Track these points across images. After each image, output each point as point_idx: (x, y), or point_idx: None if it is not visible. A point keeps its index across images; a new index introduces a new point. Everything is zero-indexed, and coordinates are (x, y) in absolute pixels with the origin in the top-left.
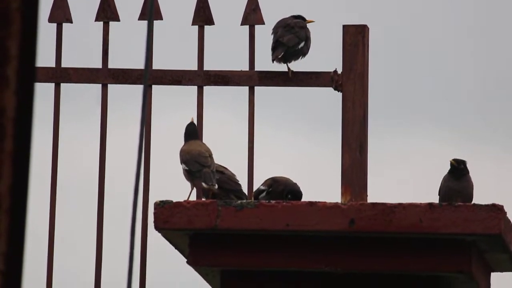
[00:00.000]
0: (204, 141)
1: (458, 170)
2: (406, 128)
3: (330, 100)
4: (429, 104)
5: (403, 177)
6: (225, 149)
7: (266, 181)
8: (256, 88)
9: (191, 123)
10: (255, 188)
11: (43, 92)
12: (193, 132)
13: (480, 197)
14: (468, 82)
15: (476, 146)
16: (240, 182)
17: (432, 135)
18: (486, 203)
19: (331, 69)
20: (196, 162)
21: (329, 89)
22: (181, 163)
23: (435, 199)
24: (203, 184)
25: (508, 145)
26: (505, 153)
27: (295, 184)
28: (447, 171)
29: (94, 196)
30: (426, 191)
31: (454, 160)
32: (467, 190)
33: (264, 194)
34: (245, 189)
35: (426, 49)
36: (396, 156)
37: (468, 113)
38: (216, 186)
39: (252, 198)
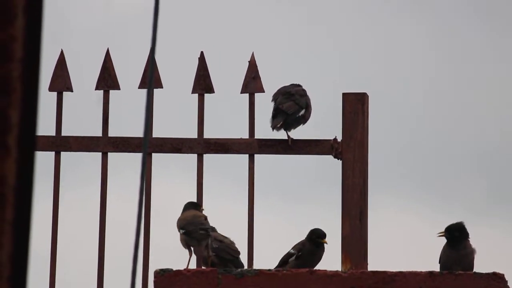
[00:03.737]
0: (204, 208)
1: (453, 238)
2: (400, 195)
3: (330, 167)
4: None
5: (399, 244)
6: (225, 217)
7: (295, 245)
8: (256, 156)
9: (191, 202)
10: (256, 255)
11: (43, 160)
12: (192, 206)
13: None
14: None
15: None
16: (239, 250)
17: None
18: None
19: (331, 137)
20: (191, 224)
21: (329, 156)
22: (179, 231)
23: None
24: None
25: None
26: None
27: None
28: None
29: (94, 264)
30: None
31: (446, 230)
32: (466, 258)
33: (293, 258)
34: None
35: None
36: (389, 222)
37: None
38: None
39: (277, 263)
